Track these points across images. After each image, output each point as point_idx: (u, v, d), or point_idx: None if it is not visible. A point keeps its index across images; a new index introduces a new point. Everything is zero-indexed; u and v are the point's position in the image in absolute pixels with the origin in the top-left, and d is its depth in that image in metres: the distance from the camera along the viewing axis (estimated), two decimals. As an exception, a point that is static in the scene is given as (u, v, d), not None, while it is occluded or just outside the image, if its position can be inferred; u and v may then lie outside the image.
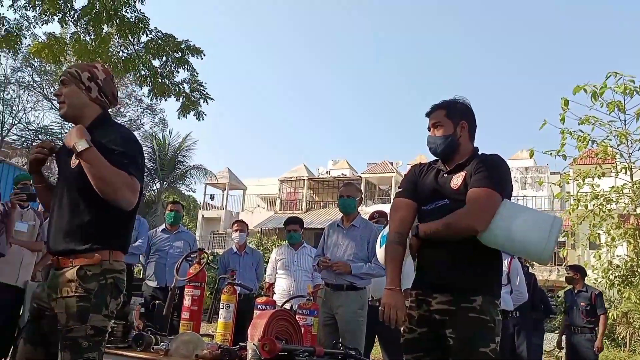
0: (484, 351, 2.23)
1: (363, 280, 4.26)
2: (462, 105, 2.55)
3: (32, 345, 2.20)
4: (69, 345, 2.06)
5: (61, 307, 2.10)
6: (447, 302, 2.31)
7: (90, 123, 2.27)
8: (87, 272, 2.12)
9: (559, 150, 7.36)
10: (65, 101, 2.28)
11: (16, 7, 6.83)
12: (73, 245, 2.15)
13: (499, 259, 2.46)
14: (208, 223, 31.69)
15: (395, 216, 2.53)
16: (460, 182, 2.39)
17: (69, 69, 2.34)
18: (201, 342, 2.90)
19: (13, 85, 25.37)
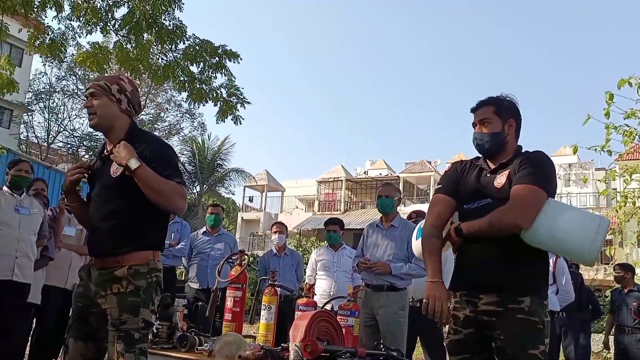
0: (533, 353, 2.18)
1: (403, 280, 4.24)
2: (510, 103, 2.49)
3: (83, 341, 2.34)
4: (122, 337, 2.22)
5: (112, 302, 2.25)
6: (494, 303, 2.26)
7: (124, 134, 2.40)
8: (137, 271, 2.28)
9: (603, 146, 7.14)
10: (97, 112, 2.39)
11: (60, 19, 7.05)
12: (120, 247, 2.29)
13: (546, 258, 2.40)
14: (247, 225, 32.00)
15: (432, 211, 2.50)
16: (504, 181, 2.34)
17: (96, 81, 2.45)
18: (244, 343, 2.94)
19: (58, 93, 26.26)
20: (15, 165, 4.06)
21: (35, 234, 4.05)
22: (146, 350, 2.30)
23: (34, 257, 4.06)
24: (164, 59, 7.24)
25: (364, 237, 4.54)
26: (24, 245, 3.93)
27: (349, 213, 28.71)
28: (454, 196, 2.47)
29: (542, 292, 2.33)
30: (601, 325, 13.49)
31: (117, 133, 2.41)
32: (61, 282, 4.64)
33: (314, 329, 2.86)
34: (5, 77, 7.09)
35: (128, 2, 6.75)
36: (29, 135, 26.36)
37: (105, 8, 6.92)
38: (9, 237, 3.87)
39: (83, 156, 26.80)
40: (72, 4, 6.91)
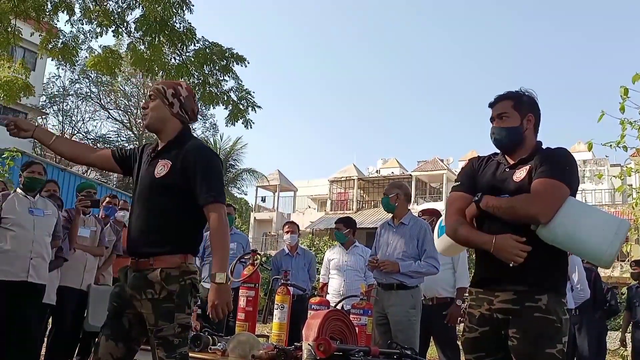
0: (550, 352, 2.14)
1: (413, 278, 4.20)
2: (529, 98, 2.45)
3: (114, 341, 2.36)
4: (162, 344, 2.26)
5: (147, 308, 2.28)
6: (511, 301, 2.22)
7: (173, 138, 2.46)
8: (169, 274, 2.29)
9: (619, 142, 7.04)
10: (150, 113, 2.47)
11: (72, 22, 7.11)
12: (153, 248, 2.32)
13: (564, 254, 2.34)
14: (260, 225, 32.09)
15: (452, 208, 2.45)
16: (524, 175, 2.29)
17: (156, 84, 2.54)
18: (257, 343, 2.95)
19: (72, 96, 26.54)
20: (28, 167, 4.10)
21: (49, 235, 4.09)
22: (187, 354, 2.33)
23: (49, 258, 4.10)
24: (176, 59, 7.29)
25: (377, 236, 4.54)
26: (39, 247, 3.97)
27: (362, 212, 28.67)
28: (472, 193, 2.42)
29: (560, 289, 2.28)
30: (618, 322, 13.35)
31: (168, 135, 2.47)
32: (77, 283, 4.69)
33: (326, 328, 2.86)
34: (21, 81, 7.17)
35: (141, 4, 6.80)
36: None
37: (117, 11, 6.98)
38: (24, 238, 3.91)
39: None
40: (83, 8, 6.98)
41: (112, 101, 27.54)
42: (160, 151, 2.46)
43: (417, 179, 29.76)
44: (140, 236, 2.37)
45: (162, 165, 2.37)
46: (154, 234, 2.34)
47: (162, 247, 2.31)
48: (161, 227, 2.34)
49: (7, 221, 3.89)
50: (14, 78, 7.19)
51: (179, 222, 2.35)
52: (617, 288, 16.03)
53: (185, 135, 2.49)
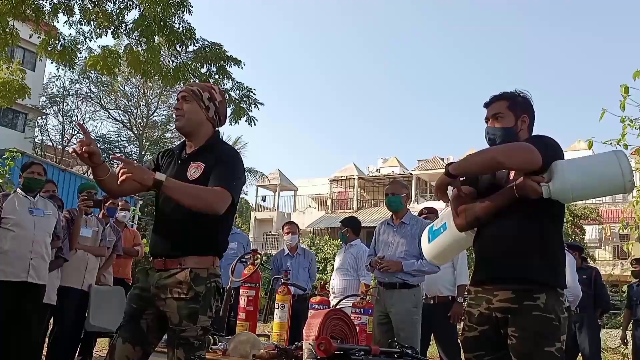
0: (549, 351, 2.15)
1: (415, 277, 4.22)
2: (524, 99, 2.46)
3: (132, 344, 2.34)
4: (183, 344, 2.24)
5: (172, 307, 2.26)
6: (509, 300, 2.23)
7: (205, 142, 2.46)
8: (197, 275, 2.29)
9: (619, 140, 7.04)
10: (185, 115, 2.44)
11: (71, 23, 7.10)
12: (184, 249, 2.32)
13: (562, 252, 2.36)
14: (260, 224, 32.12)
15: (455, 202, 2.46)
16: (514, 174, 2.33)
17: (191, 86, 2.53)
18: (258, 342, 2.95)
19: (72, 96, 26.51)
20: (28, 168, 4.10)
21: (49, 235, 4.10)
22: (204, 357, 2.32)
23: (49, 258, 4.10)
24: (174, 61, 7.29)
25: (376, 235, 4.54)
26: (39, 247, 3.97)
27: (362, 211, 28.68)
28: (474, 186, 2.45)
29: (559, 287, 2.28)
30: (618, 320, 13.35)
31: (199, 139, 2.46)
32: (78, 283, 4.70)
33: (327, 328, 2.86)
34: (17, 82, 7.15)
35: (139, 5, 6.79)
36: (43, 139, 26.65)
37: (116, 12, 6.97)
38: (24, 238, 3.92)
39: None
40: (81, 9, 6.96)
41: (112, 101, 27.50)
42: (192, 154, 2.45)
43: (417, 177, 29.78)
44: (171, 237, 2.37)
45: (196, 168, 2.37)
46: (186, 235, 2.33)
47: (192, 247, 2.32)
48: (192, 229, 2.33)
49: (7, 221, 3.90)
50: (11, 80, 7.17)
51: (209, 224, 2.34)
52: (618, 286, 16.05)
53: (217, 140, 2.50)
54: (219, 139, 2.53)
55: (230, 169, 2.34)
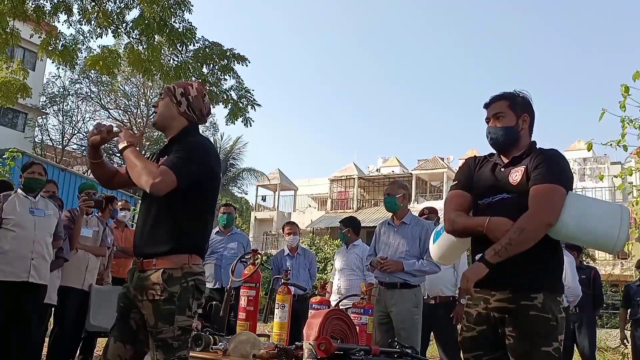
0: (546, 350, 2.16)
1: (416, 277, 4.22)
2: (524, 99, 2.48)
3: (123, 343, 2.35)
4: (161, 346, 2.24)
5: (148, 309, 2.27)
6: (506, 300, 2.24)
7: (176, 134, 2.46)
8: (171, 275, 2.27)
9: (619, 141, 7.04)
10: (158, 111, 2.49)
11: (71, 22, 7.10)
12: (156, 249, 2.31)
13: (559, 253, 2.38)
14: (261, 224, 32.10)
15: (449, 206, 2.48)
16: (520, 177, 2.32)
17: (169, 85, 2.57)
18: (258, 342, 2.95)
19: (72, 96, 26.52)
20: (29, 168, 4.10)
21: (50, 235, 4.10)
22: (186, 357, 2.31)
23: (50, 259, 4.10)
24: (175, 60, 7.29)
25: (377, 235, 4.54)
26: (40, 247, 3.98)
27: (362, 211, 28.67)
28: (469, 191, 2.47)
29: (556, 288, 2.31)
30: (618, 320, 13.35)
31: (172, 132, 2.48)
32: (78, 283, 4.70)
33: (327, 327, 2.86)
34: (19, 82, 7.15)
35: (139, 5, 6.79)
36: (43, 138, 26.66)
37: (116, 11, 6.97)
38: (25, 238, 3.92)
39: None
40: (81, 9, 6.96)
41: (112, 101, 27.53)
42: (163, 150, 2.48)
43: (417, 177, 29.77)
44: (144, 237, 2.36)
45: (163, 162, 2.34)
46: (157, 234, 2.32)
47: (164, 247, 2.29)
48: (163, 228, 2.32)
49: (8, 222, 3.90)
50: (12, 79, 7.17)
51: (182, 222, 2.32)
52: (618, 286, 16.05)
53: (189, 133, 2.47)
54: (190, 132, 2.48)
55: (183, 155, 2.30)
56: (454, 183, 2.57)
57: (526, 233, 2.19)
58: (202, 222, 2.42)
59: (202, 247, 2.44)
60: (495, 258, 2.20)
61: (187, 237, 2.34)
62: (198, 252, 2.38)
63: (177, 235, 2.31)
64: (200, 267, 2.38)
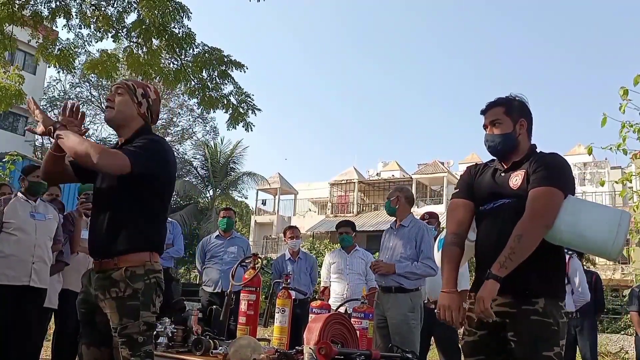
0: (547, 355, 2.16)
1: (410, 280, 4.19)
2: (520, 103, 2.48)
3: (96, 347, 2.38)
4: (126, 342, 2.24)
5: (112, 307, 2.26)
6: (507, 304, 2.24)
7: (132, 134, 2.43)
8: (134, 273, 2.28)
9: (619, 145, 7.03)
10: (115, 107, 2.44)
11: (71, 26, 7.11)
12: (115, 248, 2.30)
13: (561, 258, 2.37)
14: (261, 228, 32.06)
15: (452, 218, 2.50)
16: (520, 182, 2.32)
17: (126, 81, 2.51)
18: (258, 346, 2.94)
19: (72, 100, 26.52)
20: (33, 171, 4.10)
21: (51, 239, 4.10)
22: (152, 352, 2.31)
23: (50, 262, 4.10)
24: (175, 64, 7.29)
25: (382, 240, 4.56)
26: (40, 251, 3.97)
27: (362, 215, 28.66)
28: (471, 199, 2.47)
29: (557, 292, 2.30)
30: (619, 325, 13.33)
31: (128, 132, 2.45)
32: (78, 286, 4.65)
33: (328, 332, 2.86)
34: (14, 88, 7.13)
35: (138, 9, 6.80)
36: (44, 142, 26.64)
37: (116, 15, 6.98)
38: (26, 242, 3.92)
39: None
40: (80, 12, 6.96)
41: (113, 105, 27.52)
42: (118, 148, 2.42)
43: (417, 181, 29.76)
44: (102, 237, 2.34)
45: None
46: (115, 233, 2.31)
47: (124, 246, 2.29)
48: (121, 226, 2.31)
49: (9, 225, 3.90)
50: (7, 85, 7.15)
51: (139, 220, 2.33)
52: (619, 291, 16.03)
53: (145, 132, 2.45)
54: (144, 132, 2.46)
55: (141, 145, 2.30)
56: (455, 191, 2.57)
57: (525, 239, 2.19)
58: (158, 219, 2.42)
59: (160, 245, 2.44)
60: (503, 271, 2.19)
61: (145, 235, 2.35)
62: (157, 250, 2.39)
63: (136, 234, 2.31)
64: (160, 265, 2.39)
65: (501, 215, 2.32)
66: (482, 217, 2.42)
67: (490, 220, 2.36)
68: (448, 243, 2.45)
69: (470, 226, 2.47)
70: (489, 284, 2.20)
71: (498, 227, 2.32)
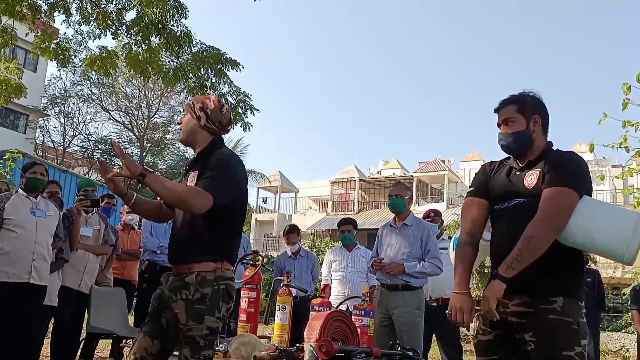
0: (568, 355, 2.10)
1: (418, 279, 4.21)
2: (533, 99, 2.43)
3: (151, 338, 2.47)
4: (188, 343, 2.36)
5: (181, 308, 2.39)
6: (525, 304, 2.19)
7: (202, 149, 2.58)
8: (204, 278, 2.40)
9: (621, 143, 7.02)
10: (182, 128, 2.61)
11: (70, 23, 7.08)
12: (191, 255, 2.45)
13: (580, 256, 2.31)
14: (261, 226, 32.10)
15: (466, 217, 2.47)
16: (535, 181, 2.28)
17: (189, 100, 2.72)
18: (259, 344, 2.94)
19: (73, 98, 26.52)
20: (30, 168, 4.09)
21: (51, 236, 4.08)
22: (211, 357, 2.41)
23: (50, 260, 4.08)
24: (174, 61, 7.27)
25: (379, 237, 4.53)
26: (41, 248, 3.96)
27: (363, 213, 28.66)
28: (485, 198, 2.44)
29: (576, 292, 2.24)
30: (619, 323, 13.32)
31: (198, 146, 2.59)
32: (75, 284, 4.62)
33: (328, 329, 2.86)
34: (14, 81, 7.12)
35: (135, 6, 6.78)
36: (45, 140, 26.67)
37: (115, 12, 6.96)
38: (26, 239, 3.90)
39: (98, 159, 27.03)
40: (80, 10, 6.95)
41: (114, 103, 27.52)
42: (191, 163, 2.61)
43: (418, 179, 29.76)
44: (180, 245, 2.50)
45: (192, 177, 2.49)
46: (191, 242, 2.46)
47: (199, 253, 2.43)
48: (196, 236, 2.45)
49: (10, 222, 3.88)
50: (7, 79, 7.14)
51: (212, 230, 2.45)
52: (619, 289, 16.02)
53: (215, 145, 2.58)
54: (216, 145, 2.59)
55: (216, 175, 2.41)
56: (469, 190, 2.54)
57: (535, 240, 2.15)
58: (232, 232, 2.56)
59: (233, 255, 2.59)
60: (510, 272, 2.16)
61: (218, 245, 2.48)
62: (228, 260, 2.52)
63: (210, 244, 2.45)
64: (231, 273, 2.52)
65: (516, 215, 2.28)
66: (496, 217, 2.39)
67: (505, 219, 2.32)
68: (461, 243, 2.41)
69: (485, 225, 2.44)
70: (494, 283, 2.18)
71: (512, 227, 2.27)
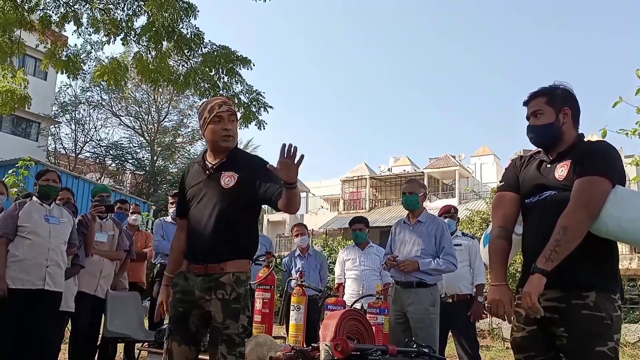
0: (601, 350, 2.08)
1: (432, 276, 4.18)
2: (563, 91, 2.40)
3: (187, 345, 2.54)
4: (225, 340, 2.44)
5: (217, 307, 2.47)
6: (557, 299, 2.17)
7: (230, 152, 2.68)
8: (239, 278, 2.50)
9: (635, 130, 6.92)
10: (231, 135, 2.69)
11: (80, 32, 7.13)
12: (225, 254, 2.51)
13: (613, 249, 2.27)
14: (274, 227, 32.16)
15: (497, 212, 2.45)
16: (565, 173, 2.25)
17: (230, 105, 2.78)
18: (274, 344, 2.95)
19: (84, 104, 26.71)
20: (43, 176, 4.12)
21: (65, 243, 4.11)
22: (244, 353, 2.51)
23: (65, 266, 4.11)
24: (184, 66, 7.29)
25: (392, 234, 4.51)
26: (55, 254, 3.99)
27: (374, 211, 28.61)
28: (517, 192, 2.42)
29: (610, 285, 2.20)
30: (637, 315, 13.18)
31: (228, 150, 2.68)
32: (91, 289, 4.65)
33: (343, 328, 2.85)
34: (19, 91, 7.16)
35: (147, 11, 6.80)
36: (57, 147, 26.87)
37: (125, 19, 6.99)
38: (40, 246, 3.93)
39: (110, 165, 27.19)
40: (90, 19, 6.99)
41: (124, 108, 27.67)
42: (222, 164, 2.64)
43: (429, 176, 29.66)
44: (212, 244, 2.52)
45: (229, 177, 2.56)
46: (225, 241, 2.51)
47: (232, 253, 2.51)
48: (231, 235, 2.52)
49: (24, 229, 3.92)
50: (13, 89, 7.17)
51: (245, 229, 2.56)
52: (636, 280, 15.85)
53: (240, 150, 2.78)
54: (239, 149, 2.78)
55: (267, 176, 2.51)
56: (500, 184, 2.52)
57: (570, 231, 2.12)
58: (254, 229, 2.69)
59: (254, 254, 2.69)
60: (549, 264, 2.12)
61: (248, 243, 2.58)
62: (252, 258, 2.64)
63: (243, 241, 2.55)
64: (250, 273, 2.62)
65: (547, 208, 2.25)
66: (528, 211, 2.36)
67: (536, 213, 2.30)
68: (494, 236, 2.39)
69: (517, 219, 2.42)
70: (534, 278, 2.13)
71: (544, 220, 2.24)
